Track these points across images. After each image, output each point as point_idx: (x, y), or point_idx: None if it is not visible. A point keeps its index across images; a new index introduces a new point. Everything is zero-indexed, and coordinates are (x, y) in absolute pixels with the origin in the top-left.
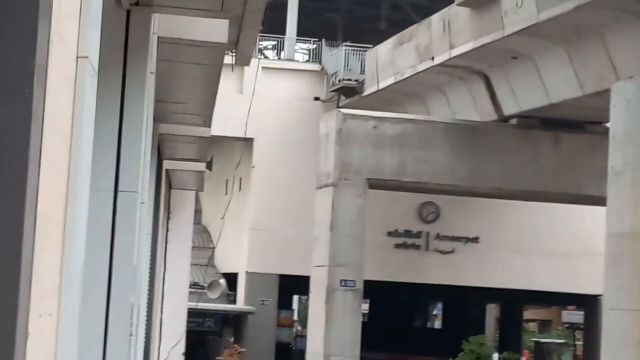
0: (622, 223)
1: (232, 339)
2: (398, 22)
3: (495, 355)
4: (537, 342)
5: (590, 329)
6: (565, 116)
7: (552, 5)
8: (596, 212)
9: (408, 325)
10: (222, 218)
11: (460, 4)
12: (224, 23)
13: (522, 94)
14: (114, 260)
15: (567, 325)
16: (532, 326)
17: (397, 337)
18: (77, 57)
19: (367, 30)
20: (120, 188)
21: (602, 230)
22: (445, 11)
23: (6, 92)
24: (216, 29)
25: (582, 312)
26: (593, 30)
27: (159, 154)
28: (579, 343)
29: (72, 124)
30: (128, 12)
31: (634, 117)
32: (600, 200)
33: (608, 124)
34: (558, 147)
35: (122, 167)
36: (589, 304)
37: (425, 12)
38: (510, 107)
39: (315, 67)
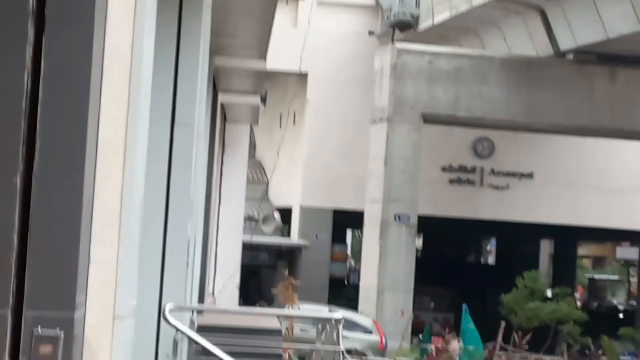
0: None
1: (286, 273)
2: None
3: (549, 291)
4: (591, 279)
5: None
6: (623, 52)
7: None
8: None
9: (462, 261)
10: (277, 152)
11: None
12: None
13: (579, 29)
14: (171, 193)
15: (621, 262)
16: (587, 263)
17: (449, 272)
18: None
19: None
20: (177, 121)
21: None
22: None
23: (70, 19)
24: None
25: (637, 249)
26: None
27: (215, 87)
28: (634, 280)
29: (132, 54)
30: None
31: None
32: None
33: None
34: (614, 83)
35: (178, 101)
36: None
37: None
38: (566, 42)
39: (370, 1)
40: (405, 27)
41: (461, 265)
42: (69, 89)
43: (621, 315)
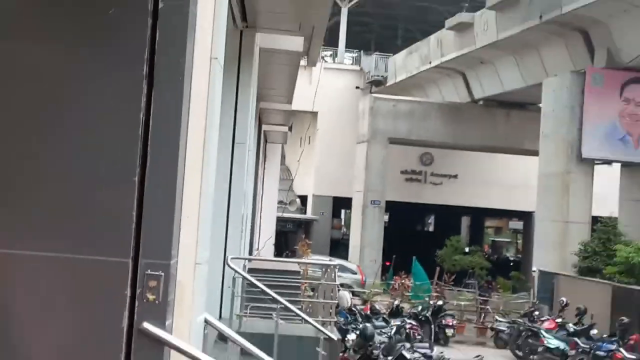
0: (548, 167)
1: (303, 236)
2: (409, 40)
3: (467, 249)
4: (493, 241)
5: (527, 233)
6: (513, 99)
7: (507, 29)
8: (532, 160)
9: (412, 229)
10: (298, 161)
11: (448, 29)
12: (300, 39)
13: (486, 85)
14: (232, 187)
15: (512, 230)
16: (490, 231)
17: (401, 238)
18: (211, 58)
19: (389, 44)
20: (235, 141)
21: (535, 171)
22: (438, 33)
23: (169, 79)
24: (295, 43)
25: (522, 222)
26: (531, 46)
27: (259, 120)
28: (520, 242)
29: (207, 100)
30: (241, 32)
31: (557, 101)
32: (534, 153)
33: (541, 105)
34: (509, 118)
35: (237, 129)
36: (526, 217)
37: (427, 33)
38: (478, 93)
39: (356, 67)
40: (378, 83)
41: (412, 232)
42: (168, 122)
43: (511, 264)
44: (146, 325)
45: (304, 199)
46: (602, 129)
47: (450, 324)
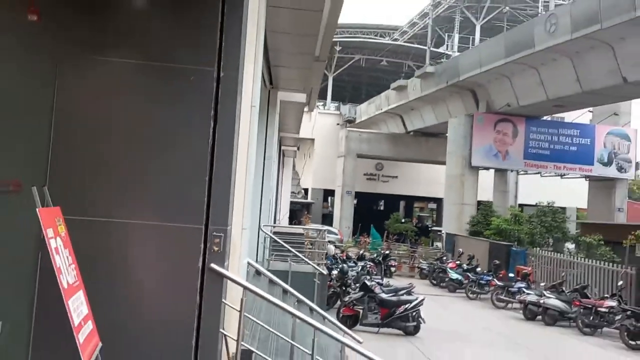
0: (451, 171)
1: (306, 212)
2: (369, 95)
3: (403, 220)
4: (419, 215)
5: (439, 211)
6: (431, 130)
7: (427, 89)
8: (442, 167)
9: (371, 208)
10: (303, 167)
11: (392, 89)
12: (304, 95)
13: (415, 122)
14: (263, 182)
15: (430, 209)
16: (417, 210)
17: (365, 214)
18: (252, 106)
19: (357, 98)
20: (266, 156)
21: (443, 173)
22: (386, 91)
23: (226, 118)
24: (301, 97)
25: (435, 205)
26: (441, 99)
27: (280, 143)
28: (434, 216)
29: (249, 131)
30: (269, 90)
31: (456, 132)
32: (443, 162)
33: (447, 134)
34: (428, 142)
35: (267, 149)
36: (438, 201)
37: (379, 91)
38: (410, 127)
39: (337, 112)
40: (350, 121)
41: (371, 210)
42: (226, 144)
43: (429, 229)
44: (213, 265)
45: (306, 190)
46: (483, 149)
47: (393, 265)
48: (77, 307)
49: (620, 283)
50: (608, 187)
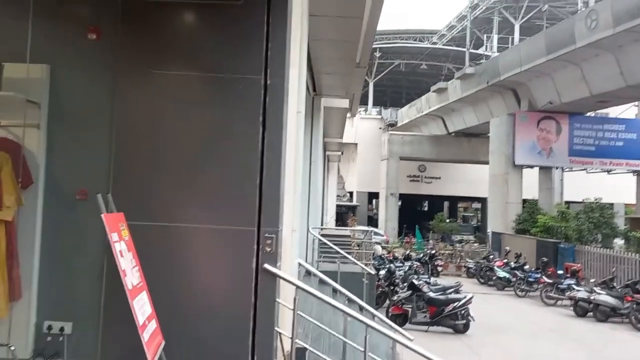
0: (494, 170)
1: (352, 214)
2: (409, 99)
3: (447, 220)
4: (463, 215)
5: (484, 210)
6: (472, 130)
7: (468, 90)
8: (485, 167)
9: (415, 209)
10: (347, 171)
11: (432, 91)
12: (346, 100)
13: (456, 123)
14: (310, 186)
15: (475, 209)
16: (461, 209)
17: (409, 215)
18: (297, 112)
19: (398, 102)
20: (312, 160)
21: (487, 173)
22: (427, 94)
23: (274, 124)
24: (343, 103)
25: (480, 204)
26: (482, 99)
27: (324, 148)
28: (479, 215)
29: (296, 136)
30: (313, 97)
31: (498, 131)
32: (486, 162)
33: (489, 134)
34: (470, 143)
35: (312, 153)
36: (483, 201)
37: (420, 94)
38: (451, 128)
39: (379, 116)
40: (392, 125)
41: (415, 211)
42: (275, 149)
43: (475, 228)
44: (266, 265)
45: (351, 193)
46: (527, 147)
47: (440, 264)
48: (141, 307)
49: None
50: None
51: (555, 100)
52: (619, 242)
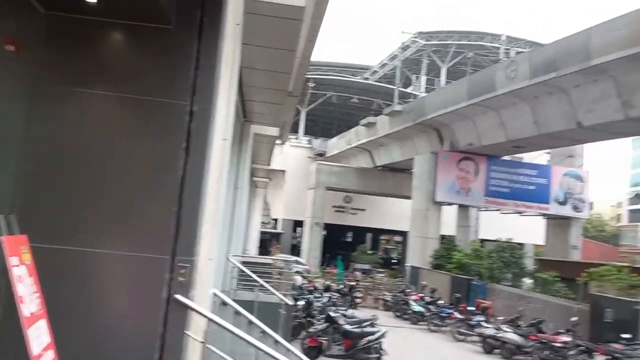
0: (416, 205)
1: (275, 242)
2: (340, 130)
3: (370, 252)
4: (385, 248)
5: (404, 244)
6: (398, 166)
7: (395, 126)
8: (407, 202)
9: (339, 239)
10: (273, 198)
11: (362, 125)
12: (276, 129)
13: (383, 157)
14: (234, 215)
15: (396, 242)
16: (384, 242)
17: (333, 245)
18: (223, 139)
19: (328, 132)
20: (238, 186)
21: (409, 208)
22: (356, 127)
23: (198, 150)
24: (273, 130)
25: (401, 237)
26: (408, 137)
27: (252, 174)
28: (400, 249)
29: (220, 168)
30: (243, 123)
31: (422, 168)
32: (409, 197)
33: (413, 170)
34: (395, 177)
35: (238, 179)
36: (404, 234)
37: (350, 127)
38: (377, 162)
39: (309, 145)
40: (321, 154)
41: (338, 242)
42: (197, 175)
43: (394, 262)
44: (177, 296)
45: (276, 220)
46: (447, 185)
47: (359, 296)
48: (38, 336)
49: (574, 319)
50: (564, 225)
51: (475, 142)
52: (527, 281)
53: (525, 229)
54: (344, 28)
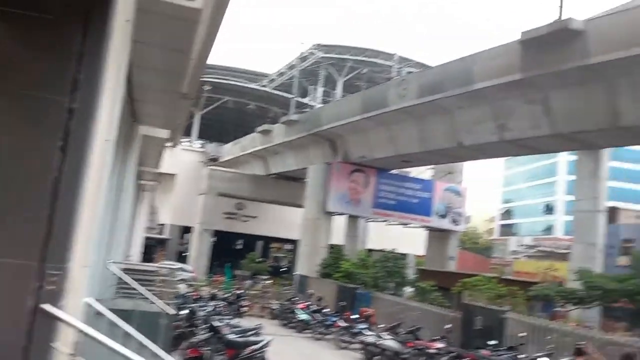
0: (308, 215)
1: (161, 249)
2: (235, 136)
3: (259, 260)
4: (275, 256)
5: (295, 252)
6: (293, 174)
7: (291, 135)
8: (299, 210)
9: (229, 247)
10: (161, 203)
11: (258, 132)
12: (167, 131)
13: (278, 165)
14: (118, 216)
15: (287, 250)
16: (274, 250)
17: (222, 252)
18: (105, 140)
19: (223, 137)
20: (123, 188)
21: (301, 216)
22: (252, 134)
23: (78, 149)
24: (163, 133)
25: (292, 246)
26: (303, 146)
27: (139, 177)
28: (291, 257)
29: (101, 169)
30: (131, 124)
31: (315, 178)
32: (301, 206)
33: (307, 179)
34: (289, 186)
35: (124, 181)
36: (295, 243)
37: (245, 133)
38: (272, 170)
39: (202, 149)
40: (215, 160)
41: (228, 249)
42: (74, 172)
43: (284, 270)
44: (44, 305)
45: (163, 226)
46: (338, 195)
47: (245, 305)
48: None
49: (448, 326)
50: (443, 237)
51: (367, 155)
52: (408, 290)
53: (408, 240)
54: (244, 34)
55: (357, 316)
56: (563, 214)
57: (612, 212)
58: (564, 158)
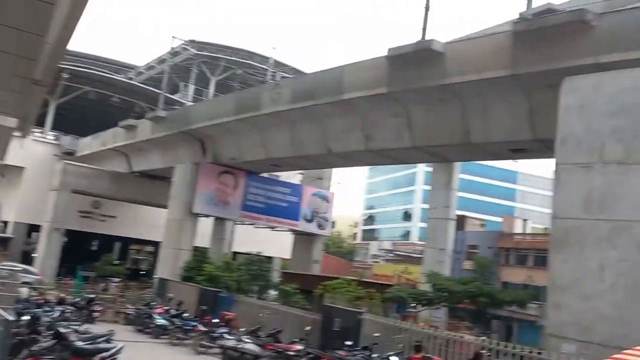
0: (172, 216)
1: (3, 248)
2: (95, 129)
3: (116, 262)
4: (134, 258)
5: (156, 254)
6: (158, 173)
7: (158, 132)
8: (164, 211)
9: (82, 249)
10: (6, 198)
11: (121, 127)
12: (15, 119)
13: (142, 163)
14: None
15: (148, 252)
16: (134, 252)
17: (75, 254)
18: None
19: (81, 130)
20: None
21: (164, 217)
22: (114, 128)
23: None
24: (10, 121)
25: (154, 248)
26: (170, 144)
27: None
28: (151, 259)
29: None
30: None
31: (182, 178)
32: (166, 206)
33: (173, 179)
34: (154, 185)
35: None
36: (157, 244)
37: (107, 127)
38: (135, 167)
39: (57, 142)
40: (70, 154)
41: (82, 250)
42: None
43: (144, 273)
44: None
45: (6, 223)
46: (206, 196)
47: (98, 309)
48: None
49: (308, 328)
50: (309, 241)
51: (237, 157)
52: (272, 293)
53: (276, 243)
54: (115, 26)
55: (218, 320)
56: (419, 221)
57: (460, 220)
58: (423, 169)
